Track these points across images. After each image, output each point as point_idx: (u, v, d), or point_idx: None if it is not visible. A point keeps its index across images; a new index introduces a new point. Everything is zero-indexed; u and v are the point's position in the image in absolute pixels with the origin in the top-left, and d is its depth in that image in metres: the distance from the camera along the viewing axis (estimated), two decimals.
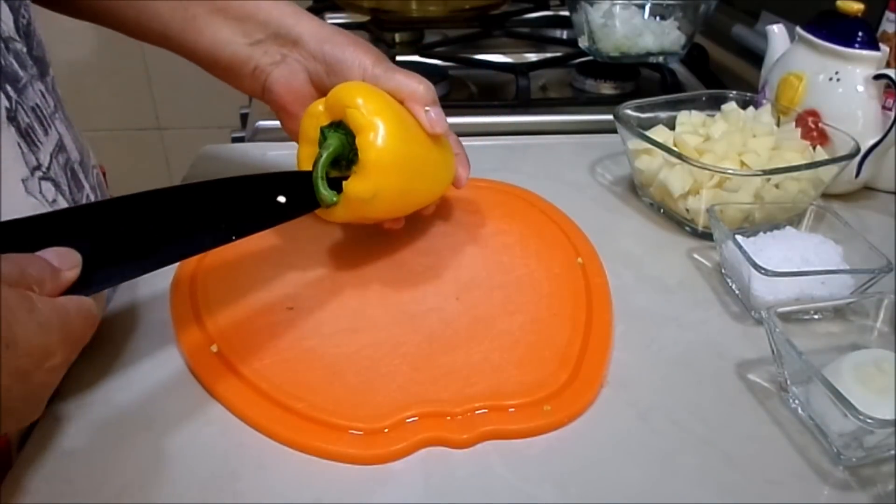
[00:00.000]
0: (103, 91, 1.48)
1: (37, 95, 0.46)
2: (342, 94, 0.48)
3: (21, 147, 0.42)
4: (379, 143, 0.46)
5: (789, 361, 0.44)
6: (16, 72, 0.43)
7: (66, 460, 0.40)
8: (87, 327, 0.36)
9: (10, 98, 0.41)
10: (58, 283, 0.35)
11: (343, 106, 0.47)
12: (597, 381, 0.45)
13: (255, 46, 0.54)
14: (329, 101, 0.49)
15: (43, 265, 0.34)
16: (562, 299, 0.52)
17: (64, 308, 0.34)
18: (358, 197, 0.47)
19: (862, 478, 0.40)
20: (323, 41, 0.53)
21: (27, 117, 0.43)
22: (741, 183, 0.58)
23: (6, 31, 0.44)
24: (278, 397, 0.43)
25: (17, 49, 0.44)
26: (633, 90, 0.91)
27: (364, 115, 0.47)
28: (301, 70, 0.54)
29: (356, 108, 0.47)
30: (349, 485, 0.39)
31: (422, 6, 1.05)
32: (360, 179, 0.47)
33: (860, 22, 0.64)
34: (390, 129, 0.47)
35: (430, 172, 0.53)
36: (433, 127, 0.51)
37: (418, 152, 0.50)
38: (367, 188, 0.47)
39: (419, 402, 0.43)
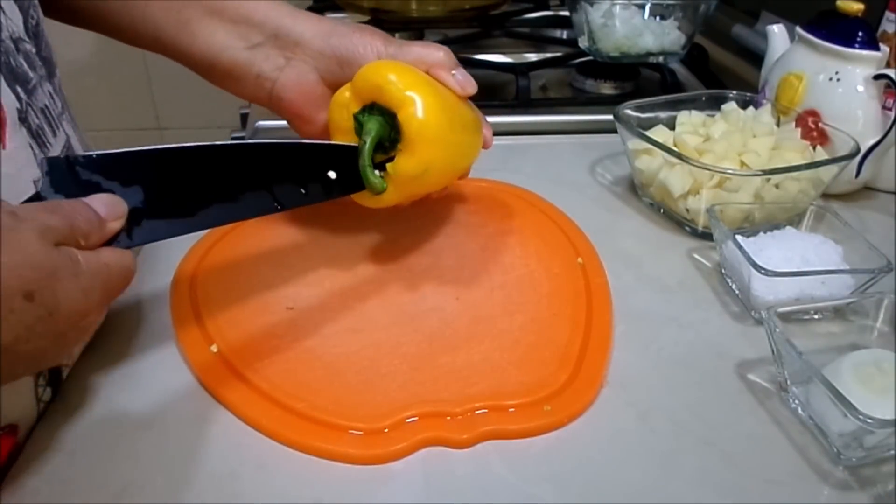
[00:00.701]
0: (103, 91, 1.48)
1: (45, 96, 0.45)
2: (371, 75, 0.46)
3: (32, 148, 0.42)
4: (421, 115, 0.45)
5: (789, 361, 0.44)
6: (25, 73, 0.43)
7: (66, 460, 0.40)
8: (124, 284, 0.36)
9: (20, 99, 0.41)
10: (102, 234, 0.35)
11: (374, 86, 0.46)
12: (597, 381, 0.45)
13: (254, 51, 0.53)
14: (357, 85, 0.47)
15: (90, 216, 0.35)
16: (562, 299, 0.52)
17: (106, 267, 0.35)
18: (409, 174, 0.46)
19: (862, 478, 0.40)
20: (327, 35, 0.52)
21: (37, 118, 0.43)
22: (741, 183, 0.58)
23: (16, 31, 0.43)
24: (278, 397, 0.43)
25: (26, 50, 0.44)
26: (633, 90, 0.91)
27: (400, 90, 0.45)
28: (310, 70, 0.52)
29: (390, 84, 0.45)
30: (349, 485, 0.39)
31: (422, 6, 1.05)
32: (408, 156, 0.46)
33: (860, 22, 0.64)
34: (429, 101, 0.45)
35: (469, 136, 0.51)
36: (464, 88, 0.50)
37: (456, 118, 0.49)
38: (418, 164, 0.46)
39: (419, 402, 0.43)
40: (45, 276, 0.31)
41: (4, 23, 0.42)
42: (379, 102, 0.46)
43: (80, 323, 0.34)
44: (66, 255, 0.32)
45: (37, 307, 0.31)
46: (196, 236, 0.58)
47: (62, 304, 0.32)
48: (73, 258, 0.33)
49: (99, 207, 0.35)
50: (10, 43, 0.42)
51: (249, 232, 0.59)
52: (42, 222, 0.32)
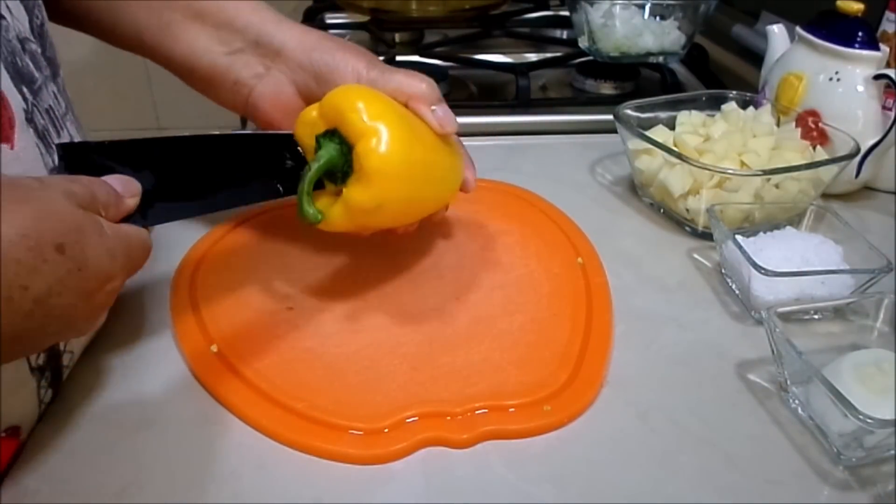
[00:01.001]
0: (103, 91, 1.48)
1: (50, 97, 0.45)
2: (339, 99, 0.43)
3: (39, 148, 0.42)
4: (382, 149, 0.42)
5: (789, 361, 0.44)
6: (31, 73, 0.43)
7: (66, 460, 0.40)
8: (144, 256, 0.38)
9: (26, 99, 0.41)
10: (120, 209, 0.37)
11: (340, 112, 0.43)
12: (597, 381, 0.45)
13: (234, 56, 0.52)
14: (324, 108, 0.44)
15: (109, 190, 0.37)
16: (562, 299, 0.52)
17: (127, 235, 0.37)
18: (361, 207, 0.43)
19: (862, 478, 0.40)
20: (310, 49, 0.50)
21: (42, 119, 0.43)
22: (741, 183, 0.58)
23: (22, 31, 0.43)
24: (278, 397, 0.43)
25: (32, 50, 0.44)
26: (633, 90, 0.91)
27: (365, 120, 0.42)
28: (287, 83, 0.51)
29: (356, 112, 0.42)
30: (349, 485, 0.39)
31: (422, 6, 1.05)
32: (362, 189, 0.43)
33: (860, 22, 0.64)
34: (395, 134, 0.42)
35: (439, 177, 0.49)
36: (443, 126, 0.47)
37: (426, 157, 0.46)
38: (371, 198, 0.43)
39: (419, 401, 0.43)
40: (73, 230, 0.33)
41: (11, 23, 0.42)
42: (340, 130, 0.43)
43: (106, 286, 0.35)
44: (90, 216, 0.34)
45: (67, 260, 0.32)
46: (196, 236, 0.58)
47: (90, 261, 0.33)
48: (97, 220, 0.35)
49: (115, 185, 0.37)
50: (17, 43, 0.42)
51: (249, 232, 0.59)
52: (66, 187, 0.34)
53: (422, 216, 0.51)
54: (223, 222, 0.60)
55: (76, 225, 0.33)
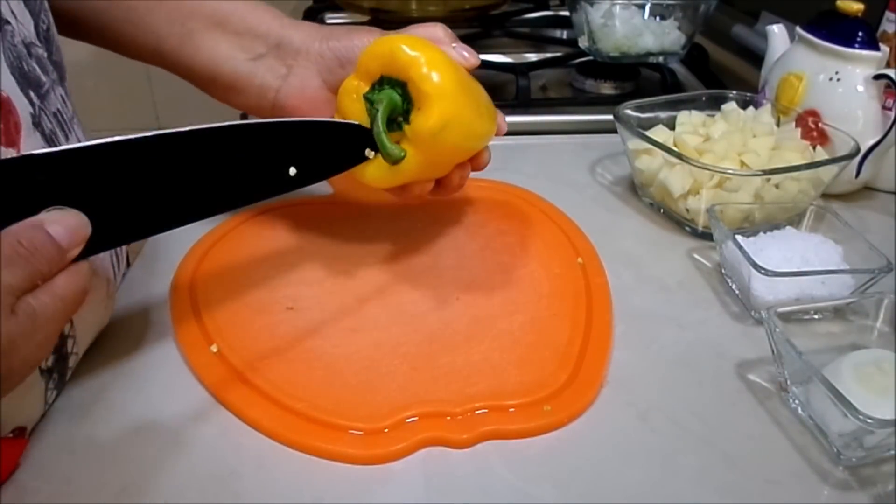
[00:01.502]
0: (103, 91, 1.48)
1: (58, 101, 0.45)
2: (379, 47, 0.45)
3: None
4: (435, 72, 0.43)
5: (789, 361, 0.44)
6: (38, 77, 0.43)
7: (66, 460, 0.40)
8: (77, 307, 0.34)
9: (33, 104, 0.41)
10: (61, 266, 0.32)
11: (384, 56, 0.44)
12: (597, 381, 0.45)
13: (256, 62, 0.53)
14: (364, 63, 0.45)
15: (51, 254, 0.31)
16: (562, 299, 0.52)
17: (62, 302, 0.32)
18: (429, 131, 0.44)
19: (862, 478, 0.40)
20: (325, 38, 0.52)
21: (50, 123, 0.43)
22: (741, 183, 0.58)
23: (28, 36, 0.43)
24: (278, 397, 0.43)
25: (38, 54, 0.44)
26: (633, 90, 0.91)
27: (410, 53, 0.44)
28: (312, 75, 0.52)
29: (399, 50, 0.44)
30: (349, 485, 0.39)
31: (422, 6, 1.05)
32: (426, 113, 0.44)
33: (860, 22, 0.64)
34: (440, 57, 0.44)
35: (483, 104, 0.49)
36: (468, 60, 0.49)
37: (470, 84, 0.47)
38: (438, 119, 0.44)
39: (419, 402, 0.43)
40: (3, 353, 0.30)
41: (16, 27, 0.42)
42: (388, 73, 0.45)
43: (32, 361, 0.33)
44: (24, 318, 0.31)
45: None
46: (196, 236, 0.58)
47: (16, 364, 0.31)
48: (31, 316, 0.31)
49: (60, 234, 0.32)
50: (23, 48, 0.42)
51: (249, 232, 0.59)
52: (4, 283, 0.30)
53: (476, 146, 0.51)
54: (223, 222, 0.60)
55: (8, 343, 0.30)
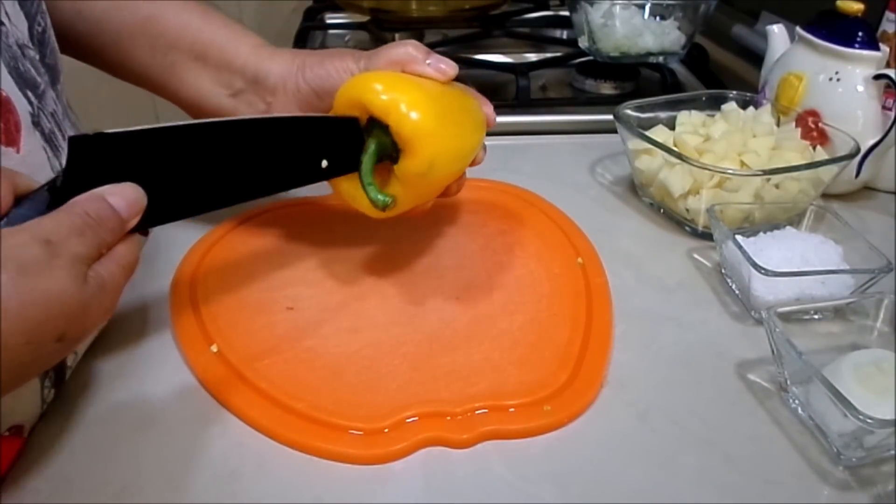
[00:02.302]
0: (103, 91, 1.48)
1: (52, 102, 0.46)
2: (353, 92, 0.45)
3: (46, 151, 0.42)
4: (413, 114, 0.44)
5: (789, 361, 0.44)
6: (34, 78, 0.43)
7: (66, 460, 0.40)
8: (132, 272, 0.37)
9: (31, 103, 0.41)
10: (121, 234, 0.35)
11: (359, 101, 0.45)
12: (597, 381, 0.45)
13: (237, 98, 0.54)
14: (341, 107, 0.46)
15: (114, 225, 0.35)
16: (562, 299, 0.52)
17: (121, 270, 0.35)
18: (415, 174, 0.45)
19: (862, 478, 0.40)
20: (300, 70, 0.52)
21: (49, 122, 0.43)
22: (741, 183, 0.58)
23: (21, 38, 0.43)
24: (278, 397, 0.43)
25: (30, 56, 0.44)
26: (633, 90, 0.91)
27: (382, 97, 0.44)
28: (292, 109, 0.53)
29: (374, 93, 0.44)
30: (349, 485, 0.39)
31: (422, 6, 1.05)
32: (410, 157, 0.45)
33: (860, 22, 0.64)
34: (415, 97, 0.45)
35: (468, 120, 0.50)
36: (443, 73, 0.49)
37: (448, 107, 0.48)
38: (422, 161, 0.45)
39: (419, 401, 0.43)
40: (77, 317, 0.32)
41: (10, 29, 0.42)
42: (374, 114, 0.45)
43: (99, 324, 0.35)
44: (94, 287, 0.33)
45: (64, 346, 0.33)
46: (196, 236, 0.58)
47: (89, 328, 0.34)
48: (101, 284, 0.34)
49: (120, 206, 0.35)
50: (17, 49, 0.42)
51: (249, 232, 0.59)
52: (74, 255, 0.32)
53: (468, 162, 0.52)
54: (223, 222, 0.60)
55: (82, 309, 0.32)
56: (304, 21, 1.08)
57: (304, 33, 1.02)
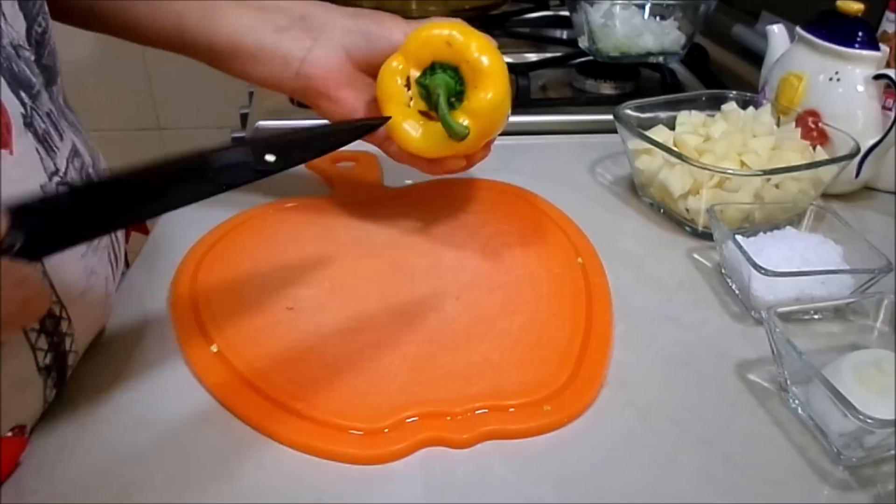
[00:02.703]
0: (103, 91, 1.48)
1: (48, 102, 0.45)
2: (428, 36, 0.50)
3: (39, 153, 0.42)
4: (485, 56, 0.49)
5: (789, 361, 0.44)
6: (28, 78, 0.43)
7: (66, 460, 0.40)
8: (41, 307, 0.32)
9: (24, 104, 0.41)
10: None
11: (436, 44, 0.49)
12: (597, 381, 0.45)
13: (281, 33, 0.54)
14: (414, 51, 0.50)
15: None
16: (562, 299, 0.52)
17: None
18: (490, 105, 0.49)
19: (862, 478, 0.40)
20: (354, 15, 0.54)
21: (43, 123, 0.43)
22: (741, 183, 0.58)
23: (16, 38, 0.43)
24: (278, 397, 0.43)
25: (26, 57, 0.44)
26: (633, 90, 0.91)
27: (461, 38, 0.49)
28: (337, 48, 0.53)
29: (453, 37, 0.49)
30: (349, 485, 0.39)
31: (422, 6, 1.05)
32: (483, 91, 0.49)
33: (860, 22, 0.64)
34: (485, 41, 0.50)
35: None
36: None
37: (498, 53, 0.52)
38: (496, 93, 0.49)
39: (419, 401, 0.43)
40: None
41: (4, 29, 0.42)
42: (440, 59, 0.50)
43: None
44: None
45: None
46: (196, 236, 0.58)
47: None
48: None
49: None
50: (11, 49, 0.42)
51: (249, 232, 0.59)
52: None
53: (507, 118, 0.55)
54: (223, 222, 0.60)
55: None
56: None
57: None
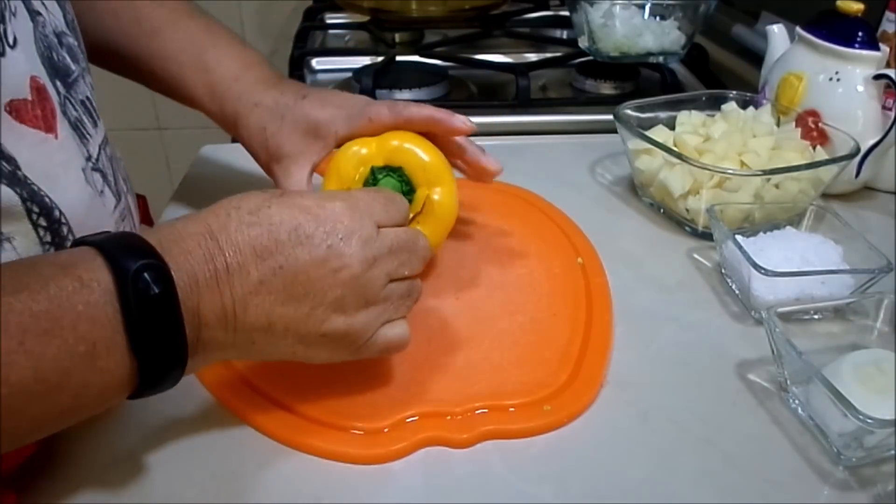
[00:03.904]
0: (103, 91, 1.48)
1: (87, 88, 0.47)
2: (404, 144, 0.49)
3: (75, 139, 0.43)
4: (448, 199, 0.49)
5: (789, 361, 0.44)
6: (67, 66, 0.44)
7: (66, 460, 0.40)
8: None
9: (59, 93, 0.42)
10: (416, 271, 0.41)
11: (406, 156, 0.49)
12: (597, 380, 0.45)
13: None
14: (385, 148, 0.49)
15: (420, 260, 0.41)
16: (562, 299, 0.52)
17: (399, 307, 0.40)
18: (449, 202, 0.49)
19: (862, 478, 0.40)
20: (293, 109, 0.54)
21: (75, 111, 0.44)
22: (741, 183, 0.58)
23: (58, 25, 0.44)
24: (278, 397, 0.43)
25: (69, 43, 0.45)
26: (633, 90, 0.91)
27: (428, 170, 0.49)
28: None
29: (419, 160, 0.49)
30: (349, 484, 0.39)
31: (422, 6, 1.05)
32: (430, 229, 0.48)
33: (860, 22, 0.64)
34: (449, 188, 0.49)
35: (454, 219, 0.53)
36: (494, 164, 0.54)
37: (455, 200, 0.51)
38: (437, 238, 0.49)
39: (419, 401, 0.43)
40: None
41: (47, 18, 0.43)
42: (405, 170, 0.49)
43: None
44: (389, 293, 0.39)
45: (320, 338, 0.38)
46: None
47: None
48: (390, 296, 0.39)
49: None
50: (54, 38, 0.43)
51: None
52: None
53: None
54: None
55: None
56: (304, 21, 1.08)
57: (304, 33, 1.02)
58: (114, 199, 0.47)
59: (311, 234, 0.36)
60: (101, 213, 0.45)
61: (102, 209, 0.45)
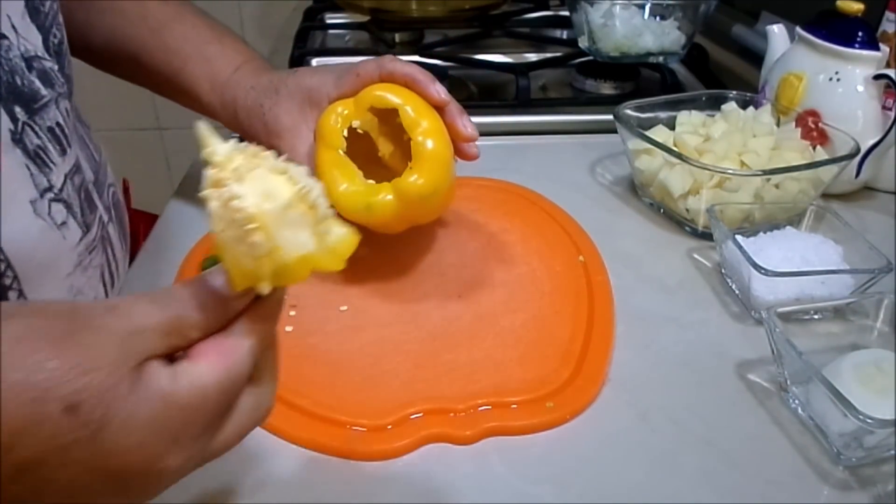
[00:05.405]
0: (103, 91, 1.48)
1: (60, 115, 0.45)
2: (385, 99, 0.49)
3: (29, 168, 0.41)
4: (434, 141, 0.48)
5: (789, 361, 0.44)
6: (35, 91, 0.43)
7: None
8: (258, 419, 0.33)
9: (16, 120, 0.41)
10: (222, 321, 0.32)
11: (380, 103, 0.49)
12: (599, 377, 0.46)
13: None
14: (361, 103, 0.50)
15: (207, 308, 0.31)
16: (563, 297, 0.52)
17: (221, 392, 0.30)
18: (419, 193, 0.47)
19: (862, 478, 0.40)
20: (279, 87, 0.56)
21: (38, 138, 0.42)
22: (741, 183, 0.58)
23: (31, 49, 0.43)
24: (282, 394, 0.43)
25: (44, 67, 0.44)
26: (633, 90, 0.91)
27: (412, 116, 0.48)
28: None
29: (405, 112, 0.48)
30: (353, 481, 0.39)
31: (422, 6, 1.05)
32: (416, 173, 0.47)
33: (860, 22, 0.64)
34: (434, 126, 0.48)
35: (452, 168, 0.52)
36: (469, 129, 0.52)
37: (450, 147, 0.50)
38: (428, 183, 0.47)
39: (422, 398, 0.43)
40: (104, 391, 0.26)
41: (14, 42, 0.42)
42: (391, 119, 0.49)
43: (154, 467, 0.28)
44: (152, 372, 0.28)
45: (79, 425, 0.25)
46: (197, 236, 0.58)
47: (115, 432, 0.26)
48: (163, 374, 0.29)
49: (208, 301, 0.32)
50: (20, 62, 0.42)
51: None
52: (136, 324, 0.30)
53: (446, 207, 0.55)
54: None
55: (111, 384, 0.25)
56: (304, 21, 1.08)
57: (304, 33, 1.02)
58: (79, 232, 0.45)
59: None
60: (58, 248, 0.43)
61: (61, 243, 0.43)
